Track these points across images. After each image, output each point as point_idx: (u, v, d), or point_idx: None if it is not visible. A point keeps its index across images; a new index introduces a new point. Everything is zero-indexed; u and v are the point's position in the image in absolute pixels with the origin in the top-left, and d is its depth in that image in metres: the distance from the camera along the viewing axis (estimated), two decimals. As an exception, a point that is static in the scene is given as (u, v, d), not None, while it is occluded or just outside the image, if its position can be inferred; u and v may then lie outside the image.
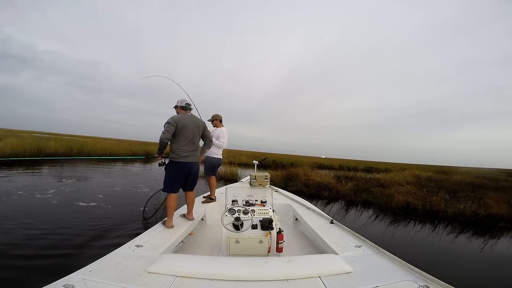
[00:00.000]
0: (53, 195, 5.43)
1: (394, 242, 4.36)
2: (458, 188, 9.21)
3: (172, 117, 2.79)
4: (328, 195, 7.98)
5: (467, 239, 4.87)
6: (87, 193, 5.95)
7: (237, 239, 2.14)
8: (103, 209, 4.74)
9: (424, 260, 3.60)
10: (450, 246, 4.36)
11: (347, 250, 2.12)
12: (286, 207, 3.82)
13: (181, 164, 2.77)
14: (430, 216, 6.13)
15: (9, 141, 12.01)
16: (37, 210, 4.35)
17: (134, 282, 1.51)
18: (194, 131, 2.85)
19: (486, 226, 5.62)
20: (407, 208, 6.44)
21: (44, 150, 12.46)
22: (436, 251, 4.07)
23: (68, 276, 1.51)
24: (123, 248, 2.03)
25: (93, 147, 15.65)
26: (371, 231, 4.88)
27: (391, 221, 5.72)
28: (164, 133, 2.67)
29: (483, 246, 4.49)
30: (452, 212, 6.12)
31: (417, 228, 5.25)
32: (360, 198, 7.53)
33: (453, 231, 5.25)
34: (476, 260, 3.89)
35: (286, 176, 9.96)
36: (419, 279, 1.60)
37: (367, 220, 5.72)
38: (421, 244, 4.31)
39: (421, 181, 10.59)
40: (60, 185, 6.54)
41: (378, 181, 9.79)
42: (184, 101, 3.01)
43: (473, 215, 5.97)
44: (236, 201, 2.56)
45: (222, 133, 4.04)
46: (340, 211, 6.38)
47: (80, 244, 3.17)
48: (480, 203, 6.56)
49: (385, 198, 7.06)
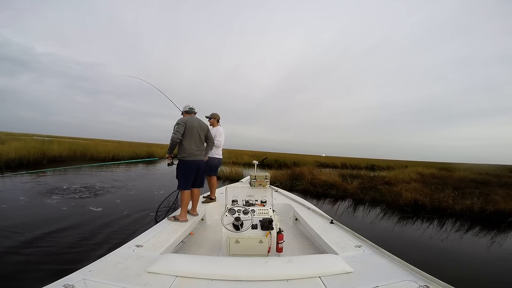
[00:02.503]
0: (60, 199, 5.44)
1: (403, 239, 4.40)
2: (462, 185, 9.28)
3: (181, 118, 3.09)
4: (335, 193, 8.02)
5: (475, 235, 4.92)
6: (98, 197, 5.97)
7: (237, 239, 2.15)
8: (113, 212, 4.72)
9: (433, 257, 3.64)
10: (459, 242, 4.42)
11: (347, 250, 2.11)
12: (286, 207, 3.82)
13: (191, 162, 3.02)
14: (439, 212, 6.18)
15: (12, 145, 11.97)
16: (43, 214, 4.35)
17: (134, 282, 1.51)
18: (200, 131, 3.12)
19: (495, 221, 5.67)
20: (415, 205, 6.49)
21: (48, 153, 12.44)
22: (446, 248, 4.11)
23: (68, 276, 1.51)
24: (123, 248, 2.03)
25: (96, 150, 15.63)
26: (380, 228, 4.93)
27: (399, 218, 5.77)
28: (175, 133, 2.93)
29: (492, 241, 4.55)
30: (460, 209, 6.17)
31: (425, 225, 5.29)
32: (368, 196, 7.57)
33: (462, 228, 5.30)
34: (486, 256, 3.93)
35: (291, 176, 9.98)
36: (419, 279, 1.60)
37: (375, 217, 5.76)
38: (431, 241, 4.34)
39: (425, 178, 10.64)
40: (67, 188, 6.53)
41: (383, 179, 9.82)
42: (187, 106, 3.30)
43: (481, 211, 6.02)
44: (236, 201, 2.57)
45: (218, 132, 4.12)
46: (348, 209, 6.42)
47: (83, 245, 3.18)
48: (488, 199, 6.61)
49: (393, 195, 7.10)
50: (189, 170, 3.01)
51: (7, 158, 9.91)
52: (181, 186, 2.99)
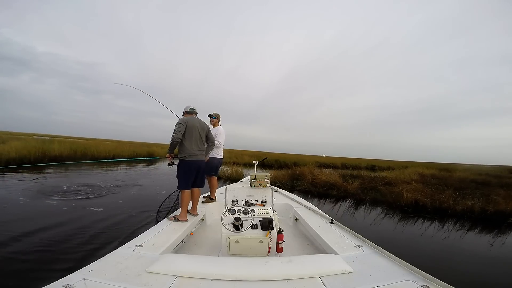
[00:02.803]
0: (60, 198, 5.45)
1: (403, 238, 4.42)
2: (463, 186, 9.29)
3: (182, 118, 3.11)
4: (336, 194, 8.03)
5: (476, 235, 4.95)
6: (99, 197, 5.97)
7: (237, 239, 2.15)
8: (114, 212, 4.72)
9: (434, 257, 3.66)
10: (459, 241, 4.43)
11: (347, 250, 2.11)
12: (286, 207, 3.82)
13: (192, 162, 3.02)
14: (439, 213, 6.19)
15: (13, 144, 11.97)
16: (43, 212, 4.37)
17: (134, 282, 1.51)
18: (201, 132, 3.12)
19: (495, 222, 5.68)
20: (416, 205, 6.50)
21: (48, 153, 12.44)
22: (447, 247, 4.13)
23: (68, 276, 1.51)
24: (123, 248, 2.02)
25: (97, 149, 15.63)
26: (381, 228, 4.94)
27: (400, 218, 5.78)
28: (176, 133, 2.93)
29: (493, 241, 4.57)
30: (461, 209, 6.19)
31: (426, 225, 5.31)
32: (369, 197, 7.58)
33: (463, 228, 5.31)
34: (487, 255, 3.95)
35: (292, 176, 9.99)
36: (419, 279, 1.59)
37: (376, 217, 5.78)
38: (432, 241, 4.36)
39: (425, 179, 10.65)
40: (67, 188, 6.53)
41: (383, 179, 9.84)
42: (188, 106, 3.29)
43: (482, 212, 6.04)
44: (236, 201, 2.56)
45: (218, 132, 4.14)
46: (349, 209, 6.44)
47: (84, 245, 3.18)
48: (488, 199, 6.62)
49: (393, 196, 7.11)
50: (190, 170, 3.01)
51: (8, 158, 9.94)
52: (182, 186, 3.00)
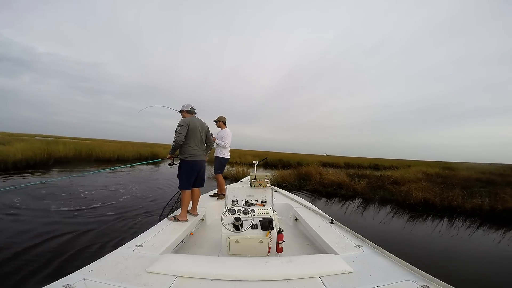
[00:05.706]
0: (65, 201, 5.43)
1: (413, 236, 4.47)
2: (469, 184, 9.33)
3: (183, 119, 3.02)
4: (345, 193, 8.06)
5: (485, 232, 5.01)
6: (103, 198, 5.99)
7: (237, 239, 2.14)
8: (118, 213, 4.71)
9: (442, 257, 3.69)
10: (468, 239, 4.48)
11: (347, 250, 2.10)
12: (286, 207, 3.81)
13: (193, 162, 3.03)
14: (449, 211, 6.24)
15: (18, 146, 11.95)
16: (49, 216, 4.33)
17: (134, 282, 1.50)
18: (201, 132, 3.12)
19: (505, 220, 5.73)
20: (426, 204, 6.55)
21: (53, 154, 12.46)
22: (457, 245, 4.18)
23: (68, 276, 1.50)
24: (123, 248, 2.02)
25: (101, 150, 15.65)
26: (391, 227, 4.99)
27: (410, 217, 5.83)
28: (179, 136, 2.90)
29: (502, 238, 4.64)
30: (470, 207, 6.24)
31: (435, 224, 5.36)
32: (378, 196, 7.62)
33: (472, 226, 5.37)
34: (496, 254, 3.99)
35: (298, 176, 10.01)
36: (419, 279, 1.59)
37: (385, 216, 5.82)
38: (439, 240, 4.39)
39: (431, 178, 10.68)
40: (73, 189, 6.51)
41: (390, 178, 9.86)
42: (189, 105, 3.26)
43: (491, 210, 6.08)
44: (236, 201, 2.55)
45: (225, 134, 4.27)
46: (358, 209, 6.47)
47: (84, 245, 3.20)
48: (496, 198, 6.66)
49: (403, 195, 7.15)
50: (192, 171, 3.02)
51: (14, 159, 9.94)
52: (183, 186, 3.01)
